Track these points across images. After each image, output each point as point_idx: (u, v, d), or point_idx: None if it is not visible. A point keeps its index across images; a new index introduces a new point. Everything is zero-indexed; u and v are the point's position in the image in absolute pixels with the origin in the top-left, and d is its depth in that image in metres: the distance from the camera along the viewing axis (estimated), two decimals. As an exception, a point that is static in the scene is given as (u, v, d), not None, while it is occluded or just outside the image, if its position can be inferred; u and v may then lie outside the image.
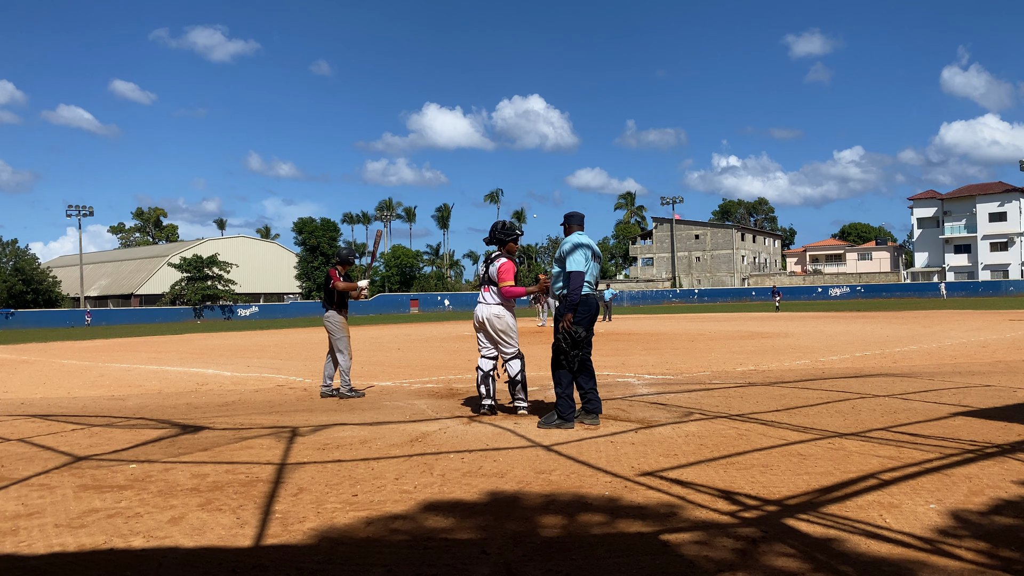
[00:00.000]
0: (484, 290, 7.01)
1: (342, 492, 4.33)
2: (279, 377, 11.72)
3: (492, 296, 6.93)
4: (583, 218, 6.72)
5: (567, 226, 6.70)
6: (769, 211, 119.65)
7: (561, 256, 6.46)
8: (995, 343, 14.88)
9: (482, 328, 6.98)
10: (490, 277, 6.93)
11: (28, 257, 69.02)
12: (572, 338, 6.24)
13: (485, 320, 6.92)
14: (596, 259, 6.54)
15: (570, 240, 6.48)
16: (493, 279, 6.90)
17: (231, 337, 27.77)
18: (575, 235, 6.54)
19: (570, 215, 6.71)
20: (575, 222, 6.67)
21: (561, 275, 6.45)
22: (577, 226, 6.65)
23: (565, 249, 6.44)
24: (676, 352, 14.68)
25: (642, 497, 4.08)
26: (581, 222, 6.69)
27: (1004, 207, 75.22)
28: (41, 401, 9.46)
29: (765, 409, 7.01)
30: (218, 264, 67.49)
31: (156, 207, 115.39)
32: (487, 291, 6.97)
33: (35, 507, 4.14)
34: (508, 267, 6.90)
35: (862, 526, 3.48)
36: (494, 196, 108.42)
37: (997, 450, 5.03)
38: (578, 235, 6.54)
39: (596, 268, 6.52)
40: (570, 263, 6.33)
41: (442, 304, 72.30)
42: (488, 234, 7.08)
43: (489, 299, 6.94)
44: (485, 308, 6.94)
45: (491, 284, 6.93)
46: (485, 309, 6.94)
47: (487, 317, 6.91)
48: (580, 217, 6.71)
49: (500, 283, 6.85)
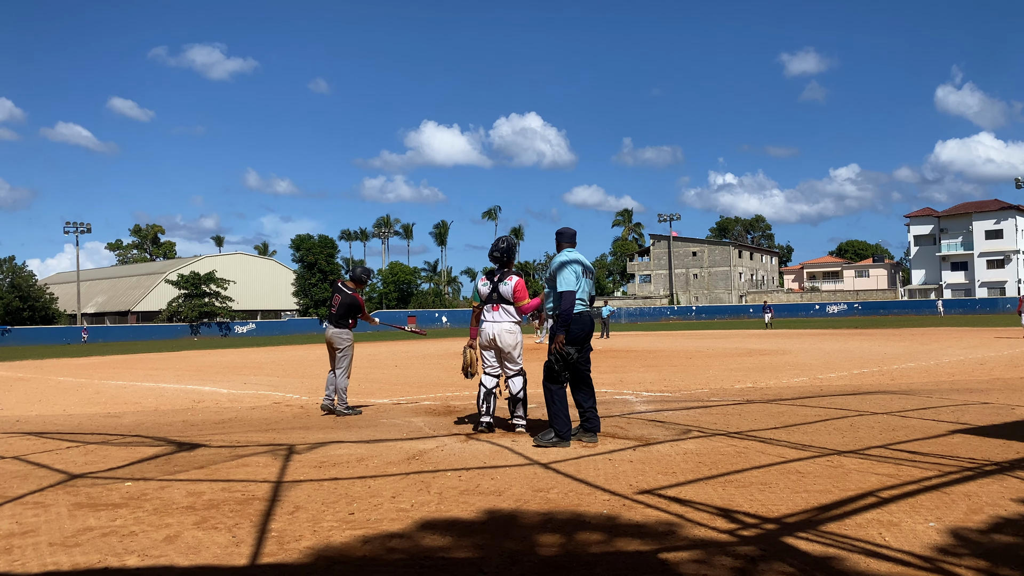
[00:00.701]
0: (494, 308, 7.01)
1: (339, 510, 4.31)
2: (276, 394, 11.69)
3: (503, 314, 6.96)
4: (574, 235, 6.67)
5: (558, 243, 6.66)
6: (766, 228, 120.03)
7: (552, 275, 6.41)
8: (993, 360, 14.88)
9: (492, 346, 6.98)
10: (502, 295, 6.95)
11: (25, 274, 68.84)
12: (563, 359, 6.18)
13: (496, 337, 6.93)
14: (588, 274, 6.46)
15: (559, 258, 6.43)
16: (506, 297, 6.94)
17: (228, 354, 27.70)
18: (565, 252, 6.49)
19: (561, 232, 6.66)
20: (566, 239, 6.61)
21: (552, 295, 6.41)
22: (568, 243, 6.60)
23: (555, 268, 6.39)
24: (674, 369, 14.67)
25: (640, 515, 4.06)
26: (572, 239, 6.64)
27: (1000, 224, 75.53)
28: (36, 418, 9.42)
29: (763, 427, 6.99)
30: (215, 281, 67.42)
31: (154, 224, 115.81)
32: (497, 310, 6.98)
33: (29, 525, 4.11)
34: (522, 284, 7.02)
35: (861, 544, 3.47)
36: (492, 213, 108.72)
37: (996, 468, 5.02)
38: (568, 252, 6.48)
39: (589, 284, 6.45)
40: (560, 282, 6.25)
41: (440, 321, 72.26)
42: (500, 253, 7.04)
43: (499, 317, 6.95)
44: (496, 326, 6.94)
45: (502, 302, 6.95)
46: (496, 327, 6.94)
47: (498, 334, 6.92)
48: (571, 234, 6.66)
49: (518, 301, 6.96)
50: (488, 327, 6.99)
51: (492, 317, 7.00)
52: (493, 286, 7.02)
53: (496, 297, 6.98)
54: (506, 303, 6.97)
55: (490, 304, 7.03)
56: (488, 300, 7.04)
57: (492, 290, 7.01)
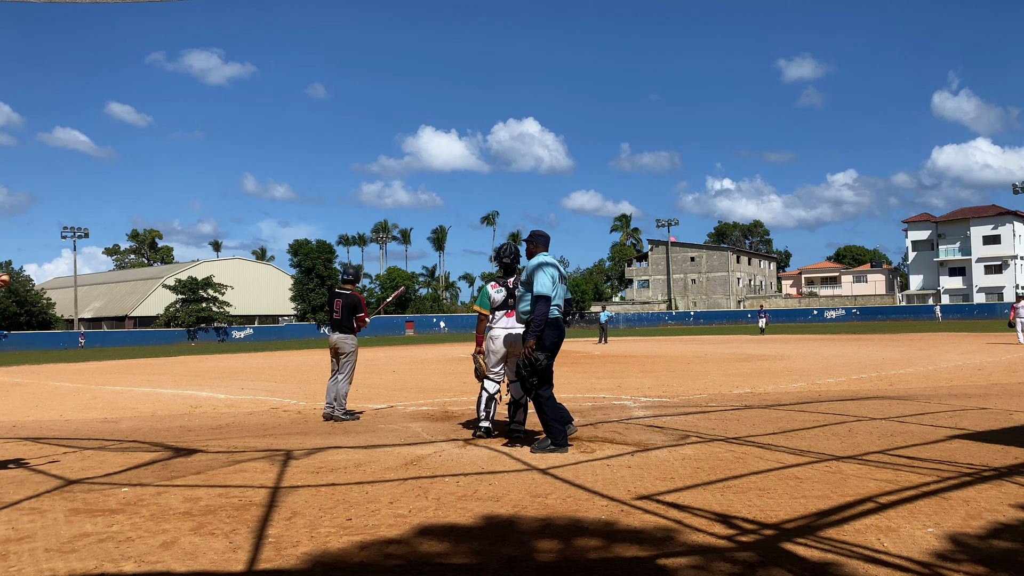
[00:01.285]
0: (508, 315, 7.01)
1: (336, 516, 4.30)
2: (273, 400, 11.67)
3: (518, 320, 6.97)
4: (548, 239, 6.57)
5: (532, 245, 6.51)
6: (764, 233, 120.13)
7: (528, 278, 6.27)
8: (991, 365, 14.89)
9: (508, 351, 6.98)
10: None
11: (22, 279, 68.68)
12: (532, 365, 6.02)
13: (514, 342, 6.94)
14: (563, 281, 6.38)
15: (535, 261, 6.31)
16: None
17: (225, 359, 27.67)
18: (540, 256, 6.38)
19: (535, 234, 6.53)
20: (540, 242, 6.50)
21: (527, 297, 6.29)
22: (542, 246, 6.49)
23: (532, 268, 6.27)
24: (672, 374, 14.66)
25: (639, 521, 4.05)
26: (547, 242, 6.54)
27: (998, 230, 75.67)
28: (33, 424, 9.39)
29: (762, 432, 6.99)
30: (213, 286, 67.33)
31: (151, 229, 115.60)
32: (511, 315, 6.99)
33: (25, 531, 4.10)
34: None
35: (860, 550, 3.46)
36: (490, 219, 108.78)
37: (995, 473, 5.01)
38: (543, 256, 6.38)
39: (563, 290, 6.37)
40: (537, 285, 6.12)
41: (438, 326, 72.19)
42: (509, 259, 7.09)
43: (514, 323, 6.96)
44: (513, 332, 6.95)
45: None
46: (511, 333, 6.95)
47: (515, 340, 6.93)
48: (546, 238, 6.56)
49: None
50: (503, 333, 6.99)
51: (506, 323, 7.01)
52: (509, 292, 7.02)
53: (511, 303, 7.00)
54: None
55: (504, 310, 7.03)
56: (502, 306, 7.04)
57: (508, 295, 7.02)
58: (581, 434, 7.05)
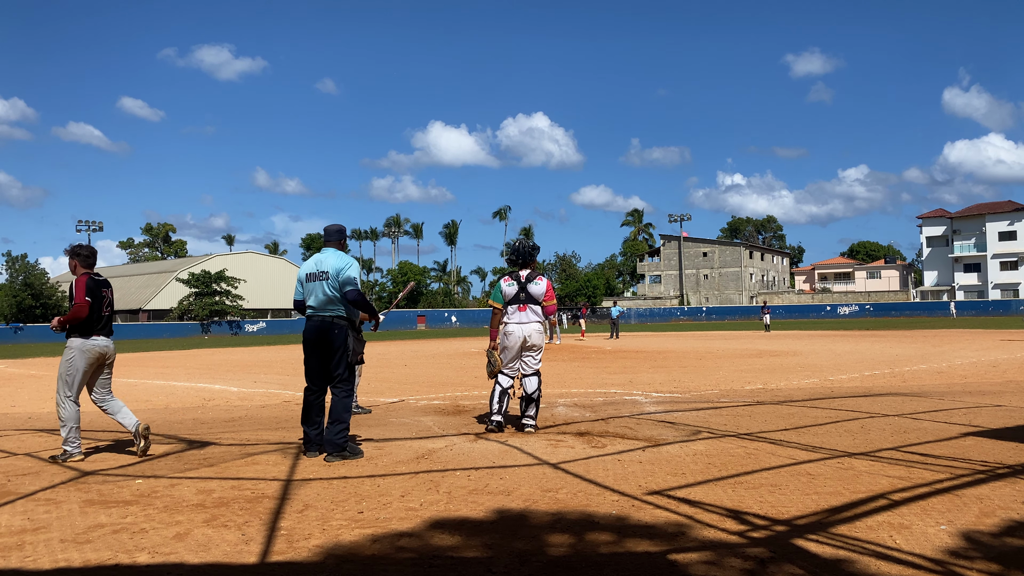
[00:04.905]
0: (520, 309, 7.02)
1: (348, 509, 4.32)
2: (286, 393, 11.72)
3: (531, 314, 7.01)
4: (338, 232, 6.23)
5: (329, 242, 6.20)
6: (777, 229, 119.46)
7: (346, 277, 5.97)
8: (1006, 362, 14.78)
9: (521, 346, 6.99)
10: (531, 296, 6.97)
11: (37, 272, 69.27)
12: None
13: (527, 337, 6.96)
14: (315, 279, 6.01)
15: (345, 258, 6.05)
16: (536, 297, 6.98)
17: (238, 352, 27.82)
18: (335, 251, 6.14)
19: (332, 229, 6.25)
20: (332, 238, 6.21)
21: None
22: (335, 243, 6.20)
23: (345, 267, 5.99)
24: (684, 370, 14.63)
25: (650, 516, 4.05)
26: (334, 236, 6.22)
27: (1014, 226, 74.91)
28: (48, 415, 9.48)
29: (774, 428, 6.97)
30: (226, 280, 67.67)
31: (165, 223, 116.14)
32: (524, 310, 7.00)
33: (41, 522, 4.14)
34: (551, 285, 7.12)
35: (872, 547, 3.45)
36: (502, 213, 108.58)
37: (1009, 471, 4.98)
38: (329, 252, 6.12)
39: (318, 288, 5.99)
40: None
41: (449, 320, 72.29)
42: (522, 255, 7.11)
43: (527, 317, 6.99)
44: (526, 327, 6.97)
45: (530, 302, 6.99)
46: (526, 328, 6.98)
47: (529, 334, 6.96)
48: (333, 231, 6.24)
49: (547, 301, 7.04)
50: (517, 328, 7.00)
51: (520, 318, 7.02)
52: (521, 286, 7.03)
53: (524, 297, 7.00)
54: (534, 303, 7.00)
55: (517, 304, 7.04)
56: (515, 300, 7.04)
57: (520, 290, 7.02)
58: (592, 429, 7.05)
